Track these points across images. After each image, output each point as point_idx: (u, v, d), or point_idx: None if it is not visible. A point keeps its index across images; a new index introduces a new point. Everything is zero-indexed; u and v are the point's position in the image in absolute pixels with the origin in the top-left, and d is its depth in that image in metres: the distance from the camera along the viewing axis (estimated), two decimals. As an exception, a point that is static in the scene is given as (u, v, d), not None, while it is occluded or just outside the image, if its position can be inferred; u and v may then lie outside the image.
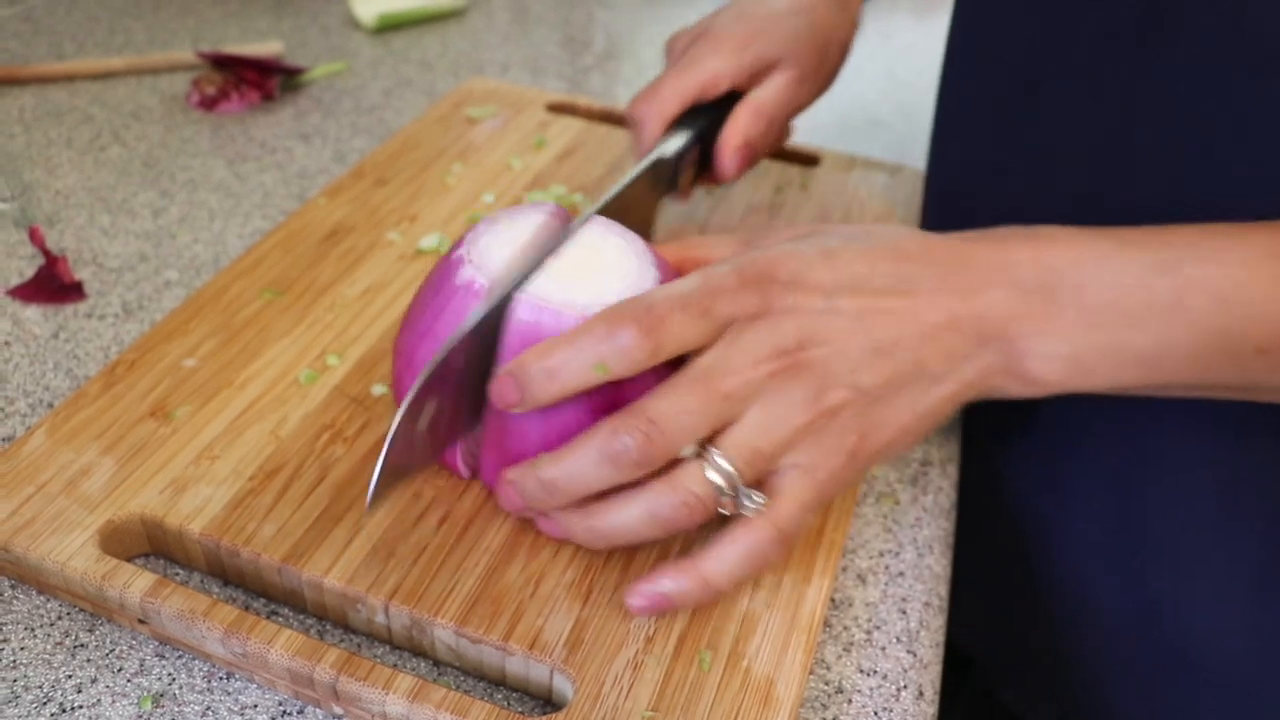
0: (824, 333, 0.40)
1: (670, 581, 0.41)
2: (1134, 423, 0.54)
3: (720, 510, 0.41)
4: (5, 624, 0.42)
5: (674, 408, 0.39)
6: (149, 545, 0.45)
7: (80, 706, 0.39)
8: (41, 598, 0.43)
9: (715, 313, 0.40)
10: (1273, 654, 0.53)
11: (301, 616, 0.43)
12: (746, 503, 0.41)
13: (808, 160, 0.74)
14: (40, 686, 0.40)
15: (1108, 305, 0.40)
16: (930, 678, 0.45)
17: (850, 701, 0.43)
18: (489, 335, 0.43)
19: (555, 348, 0.40)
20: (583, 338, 0.40)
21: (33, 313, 0.57)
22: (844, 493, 0.43)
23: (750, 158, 0.59)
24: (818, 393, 0.40)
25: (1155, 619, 0.56)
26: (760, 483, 0.41)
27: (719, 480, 0.40)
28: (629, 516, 0.41)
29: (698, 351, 0.41)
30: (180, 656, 0.42)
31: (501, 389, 0.41)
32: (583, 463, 0.40)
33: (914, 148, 0.86)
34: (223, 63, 0.80)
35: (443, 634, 0.41)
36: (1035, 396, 0.43)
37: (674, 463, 0.40)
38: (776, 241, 0.44)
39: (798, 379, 0.40)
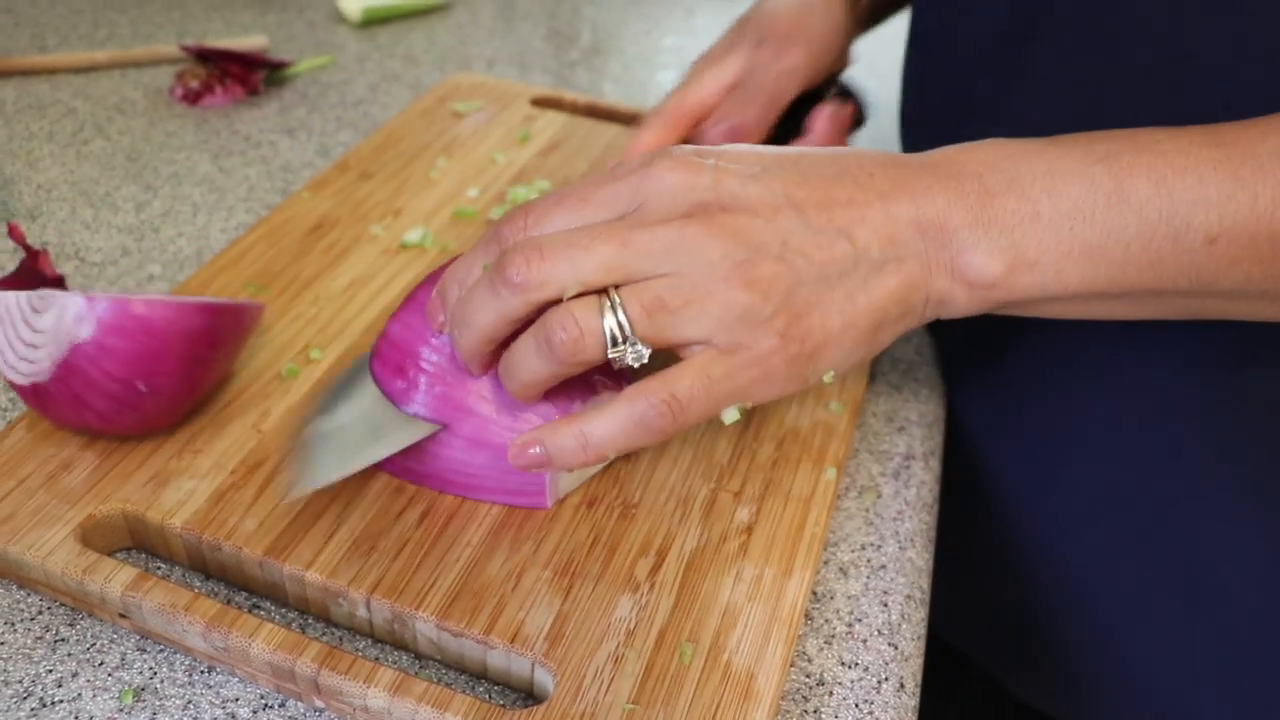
0: (748, 202, 0.39)
1: (549, 435, 0.40)
2: (1119, 409, 0.54)
3: (612, 359, 0.39)
4: (-15, 618, 0.42)
5: (564, 239, 0.38)
6: (130, 539, 0.45)
7: (61, 701, 0.39)
8: (22, 592, 0.43)
9: (599, 197, 0.40)
10: (1271, 628, 0.54)
11: (283, 610, 0.43)
12: (630, 351, 0.38)
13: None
14: (20, 681, 0.40)
15: (1045, 194, 0.39)
16: (911, 670, 0.45)
17: (831, 694, 0.43)
18: None
19: (460, 261, 0.42)
20: (479, 243, 0.42)
21: (14, 307, 0.57)
22: (779, 393, 0.40)
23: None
24: (740, 259, 0.38)
25: (1145, 602, 0.56)
26: (670, 353, 0.39)
27: (610, 320, 0.38)
28: (525, 346, 0.40)
29: None
30: (162, 650, 0.42)
31: (431, 310, 0.43)
32: (475, 291, 0.40)
33: (897, 141, 0.87)
34: (207, 56, 0.79)
35: (424, 628, 0.41)
36: (985, 309, 0.41)
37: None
38: None
39: (718, 240, 0.38)
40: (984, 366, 0.59)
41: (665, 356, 0.40)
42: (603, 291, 0.38)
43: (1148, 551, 0.55)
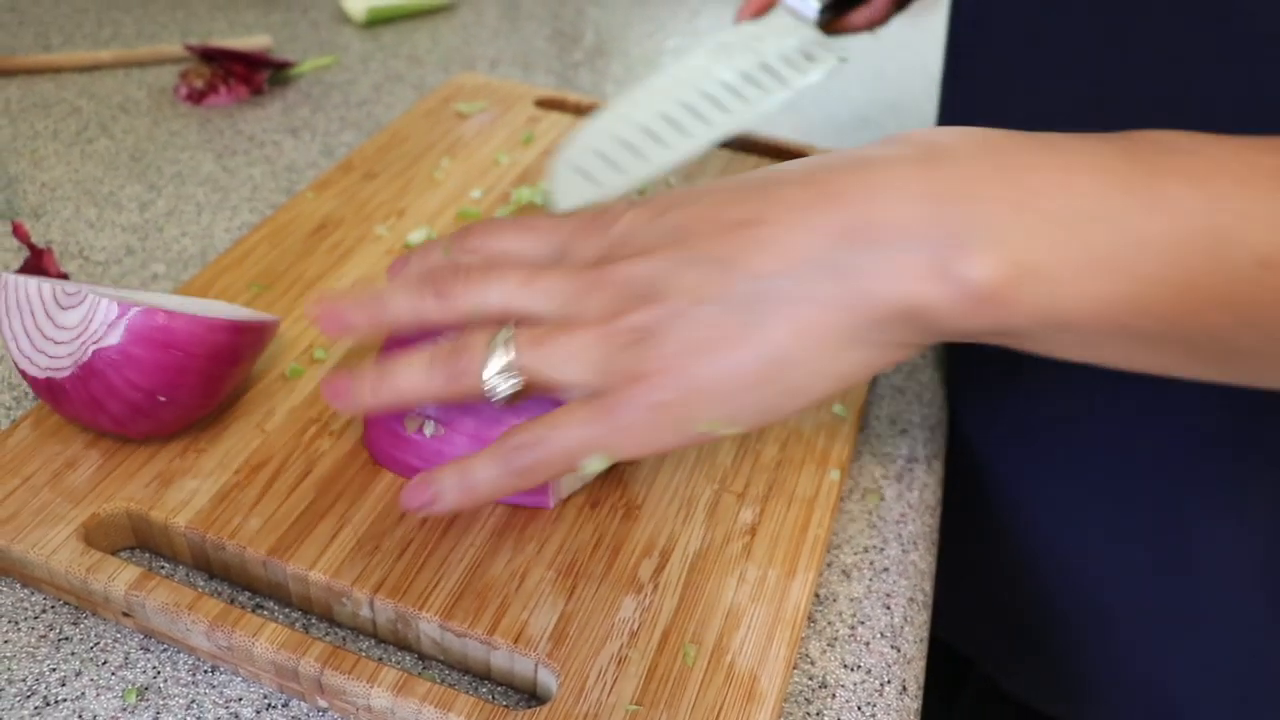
0: (639, 245, 0.38)
1: (437, 475, 0.41)
2: (1121, 411, 0.54)
3: (484, 381, 0.39)
4: (-11, 617, 0.42)
5: (485, 269, 0.41)
6: (134, 538, 0.45)
7: (64, 699, 0.39)
8: (26, 591, 0.43)
9: (542, 230, 0.42)
10: (1273, 628, 0.53)
11: (287, 610, 0.43)
12: (499, 385, 0.39)
13: (797, 156, 0.74)
14: (24, 679, 0.40)
15: (1054, 185, 0.31)
16: (914, 673, 0.45)
17: (834, 696, 0.43)
18: None
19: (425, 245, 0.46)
20: (451, 235, 0.45)
21: (18, 305, 0.57)
22: (651, 445, 0.37)
23: None
24: (614, 309, 0.37)
25: (1147, 601, 0.56)
26: (547, 394, 0.40)
27: (494, 346, 0.39)
28: (415, 355, 0.41)
29: None
30: (165, 650, 0.42)
31: (395, 264, 0.46)
32: (394, 287, 0.42)
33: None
34: (211, 56, 0.79)
35: (427, 628, 0.41)
36: (979, 322, 0.33)
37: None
38: None
39: (597, 291, 0.38)
40: (985, 367, 0.59)
41: None
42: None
43: (1150, 552, 0.56)
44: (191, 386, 0.44)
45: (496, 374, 0.39)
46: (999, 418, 0.60)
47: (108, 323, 0.42)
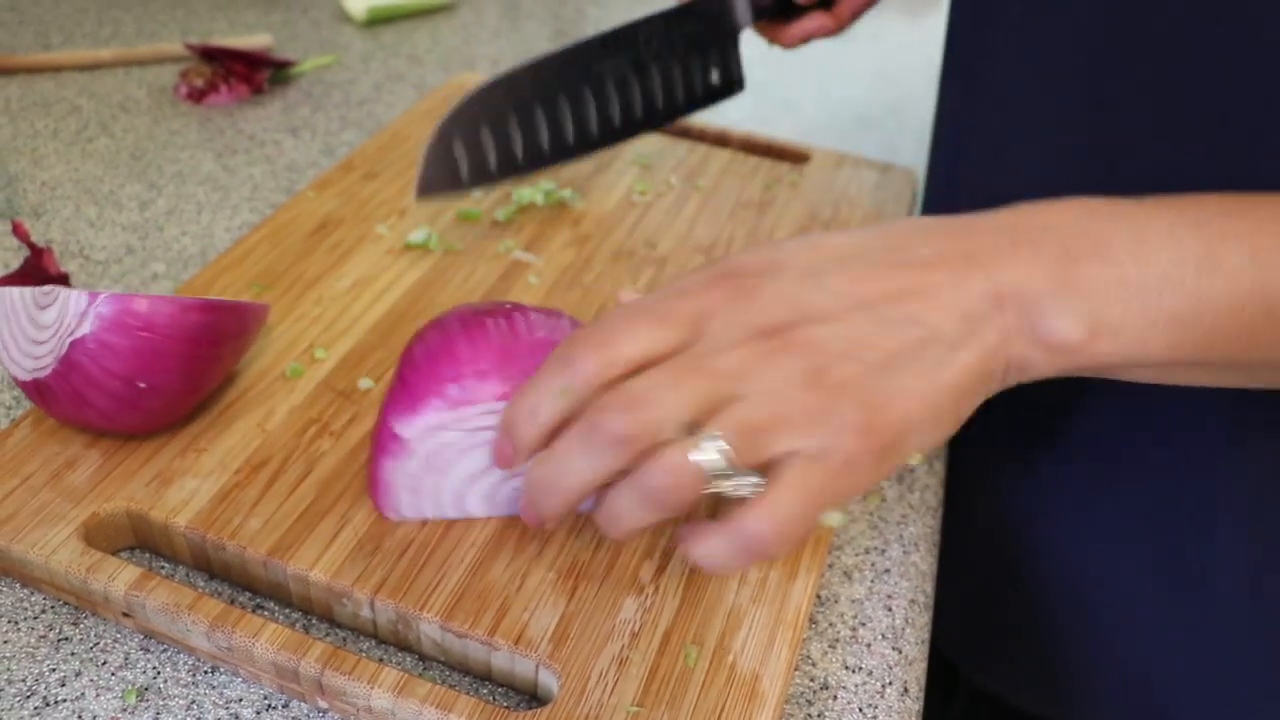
0: (816, 307, 0.38)
1: (695, 543, 0.39)
2: (1117, 413, 0.54)
3: (718, 490, 0.38)
4: (-11, 617, 0.42)
5: (653, 384, 0.37)
6: (134, 538, 0.45)
7: (64, 700, 0.39)
8: (26, 591, 0.43)
9: (675, 314, 0.38)
10: (1263, 622, 0.54)
11: (287, 610, 0.43)
12: (741, 481, 0.38)
13: (797, 158, 0.74)
14: (24, 680, 0.40)
15: (1133, 258, 0.38)
16: (915, 674, 0.45)
17: (835, 698, 0.43)
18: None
19: (525, 389, 0.39)
20: (544, 371, 0.39)
21: (18, 304, 0.57)
22: (870, 484, 0.40)
23: None
24: (819, 368, 0.37)
25: (1140, 599, 0.56)
26: (762, 469, 0.38)
27: (709, 455, 0.37)
28: (625, 499, 0.38)
29: None
30: (165, 650, 0.41)
31: (499, 449, 0.40)
32: (569, 449, 0.38)
33: (904, 146, 0.87)
34: (211, 55, 0.79)
35: (428, 628, 0.41)
36: (1065, 372, 0.40)
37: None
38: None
39: (795, 355, 0.37)
40: None
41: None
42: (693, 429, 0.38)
43: (1143, 552, 0.56)
44: (171, 371, 0.44)
45: (727, 484, 0.38)
46: (995, 419, 0.60)
47: (79, 313, 0.42)
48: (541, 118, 0.55)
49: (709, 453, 0.37)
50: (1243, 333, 0.38)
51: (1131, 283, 0.38)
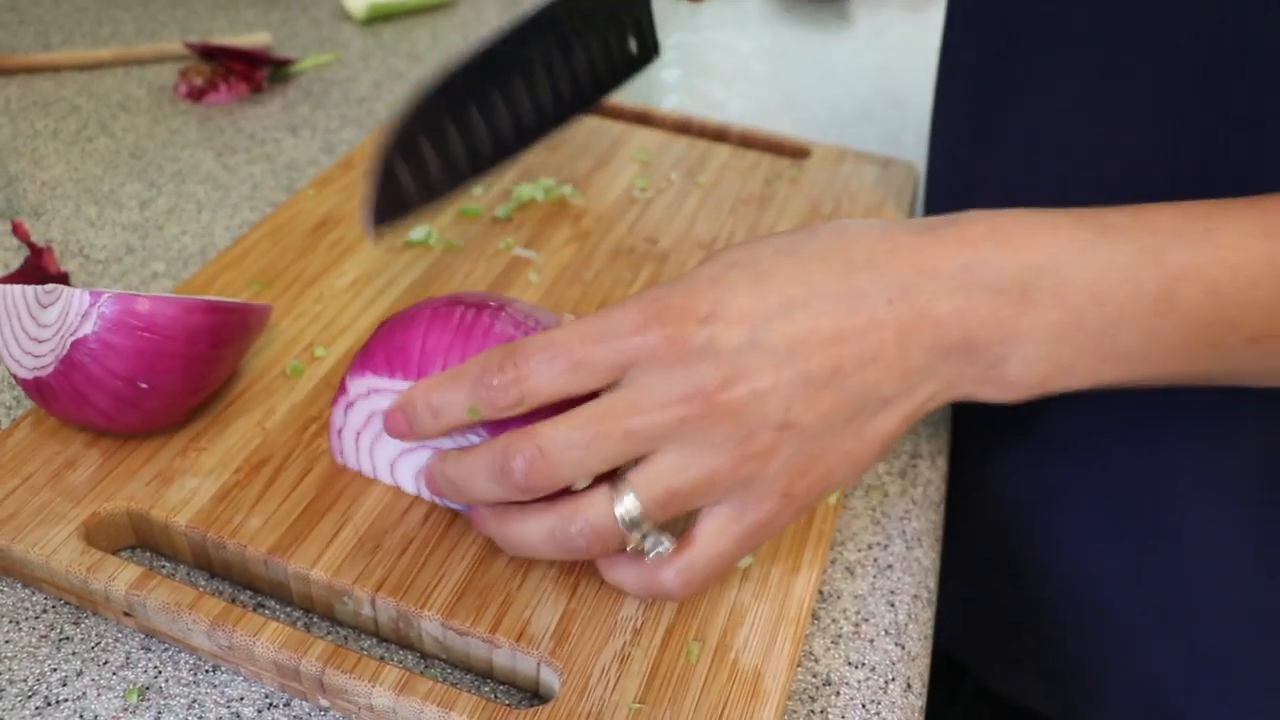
0: (746, 371, 0.36)
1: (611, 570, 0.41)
2: (1118, 407, 0.54)
3: (629, 549, 0.39)
4: (-10, 617, 0.42)
5: (564, 439, 0.37)
6: (135, 538, 0.44)
7: (65, 700, 0.39)
8: (26, 590, 0.43)
9: (593, 362, 0.37)
10: (1269, 618, 0.53)
11: (288, 609, 0.43)
12: (652, 546, 0.39)
13: (798, 152, 0.74)
14: (25, 680, 0.40)
15: (1093, 301, 0.37)
16: (918, 670, 0.45)
17: (838, 694, 0.43)
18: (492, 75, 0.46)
19: (439, 385, 0.39)
20: (461, 378, 0.39)
21: (18, 304, 0.57)
22: (781, 532, 0.41)
23: None
24: (743, 437, 0.37)
25: (1145, 594, 0.56)
26: (675, 520, 0.39)
27: (624, 515, 0.38)
28: (533, 533, 0.39)
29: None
30: (166, 649, 0.41)
31: (391, 420, 0.41)
32: (475, 472, 0.39)
33: (905, 141, 0.86)
34: (211, 54, 0.79)
35: (429, 626, 0.41)
36: (1009, 401, 0.40)
37: (589, 488, 0.39)
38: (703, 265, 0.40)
39: (718, 423, 0.37)
40: None
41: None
42: (612, 481, 0.38)
43: (1147, 549, 0.55)
44: (173, 371, 0.44)
45: (640, 539, 0.38)
46: (998, 415, 0.59)
47: (81, 313, 0.42)
48: (478, 118, 0.51)
49: (622, 511, 0.38)
50: (1191, 359, 0.39)
51: (1088, 327, 0.38)
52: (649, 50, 0.60)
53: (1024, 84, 0.53)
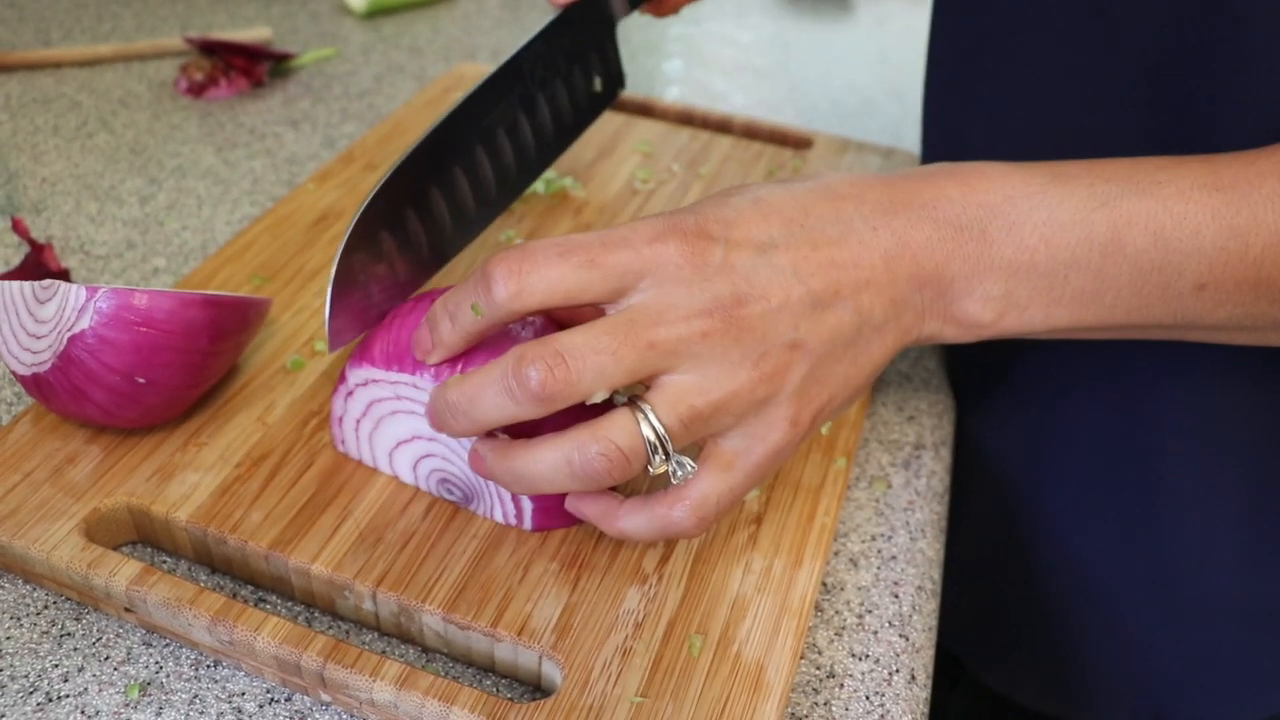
0: (760, 288, 0.38)
1: (588, 516, 0.41)
2: (1122, 400, 0.53)
3: (653, 472, 0.38)
4: (-9, 613, 0.42)
5: (588, 344, 0.37)
6: (135, 533, 0.44)
7: (67, 695, 0.39)
8: (28, 586, 0.43)
9: (606, 263, 0.37)
10: (1266, 598, 0.53)
11: (289, 603, 0.43)
12: (677, 469, 0.38)
13: (800, 143, 0.74)
14: (26, 676, 0.40)
15: (1043, 242, 0.39)
16: (923, 662, 0.45)
17: (842, 686, 0.42)
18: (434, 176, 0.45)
19: (454, 292, 0.40)
20: (465, 282, 0.39)
21: (19, 301, 0.57)
22: (781, 466, 0.41)
23: None
24: (759, 356, 0.38)
25: (1143, 576, 0.56)
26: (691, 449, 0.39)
27: (650, 436, 0.37)
28: (546, 462, 0.38)
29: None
30: (167, 645, 0.41)
31: (419, 336, 0.41)
32: (485, 389, 0.38)
33: (907, 131, 0.86)
34: (211, 49, 0.79)
35: (430, 620, 0.41)
36: (967, 341, 0.42)
37: (603, 410, 0.39)
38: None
39: (737, 339, 0.37)
40: (985, 360, 0.59)
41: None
42: (631, 403, 0.38)
43: (1147, 544, 0.55)
44: (171, 366, 0.44)
45: (663, 461, 0.38)
46: (1002, 406, 0.59)
47: (78, 308, 0.42)
48: (440, 199, 0.48)
49: (648, 432, 0.37)
50: (1140, 304, 0.40)
51: (1040, 266, 0.40)
52: (614, 84, 0.57)
53: (1008, 64, 0.53)
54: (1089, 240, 0.39)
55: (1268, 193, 0.38)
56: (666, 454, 0.38)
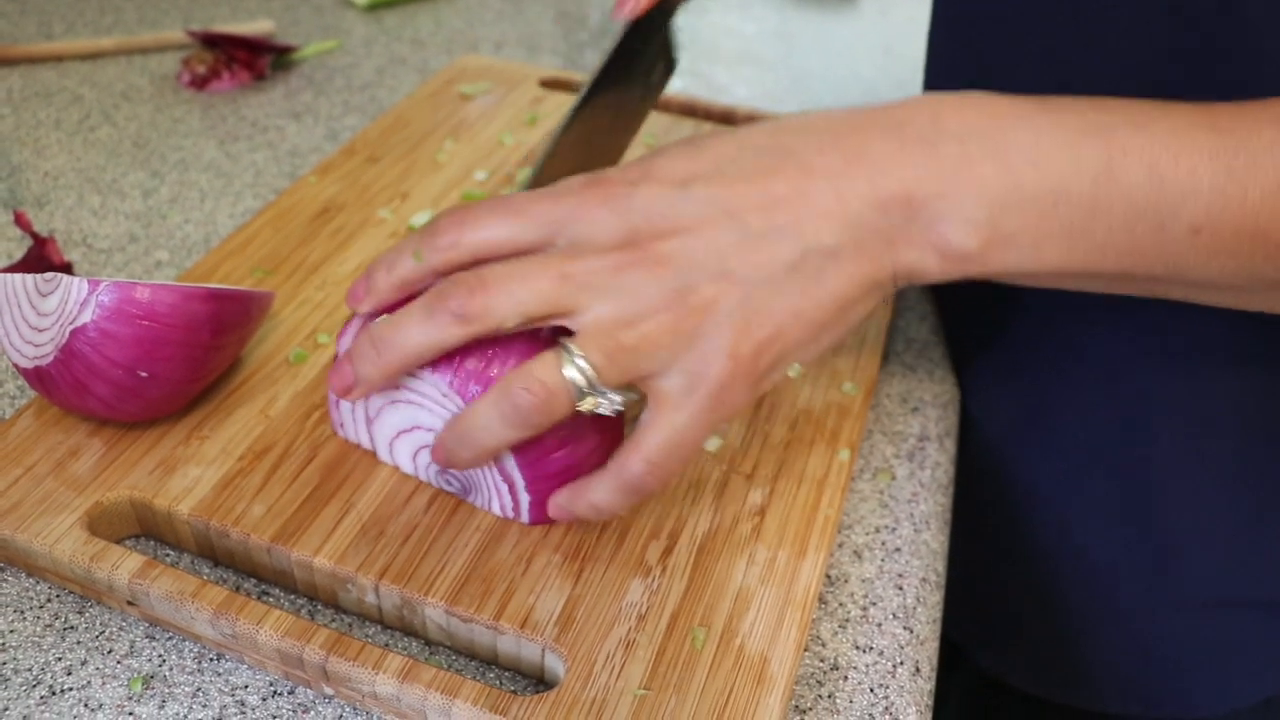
0: (681, 219, 0.37)
1: (567, 498, 0.41)
2: (1109, 372, 0.53)
3: (581, 409, 0.38)
4: (-6, 606, 0.42)
5: (507, 272, 0.38)
6: (138, 526, 0.44)
7: (70, 689, 0.39)
8: (31, 580, 0.43)
9: (536, 213, 0.39)
10: (1257, 585, 0.53)
11: (292, 597, 0.43)
12: (603, 402, 0.38)
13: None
14: (30, 669, 0.40)
15: (1030, 165, 0.37)
16: (927, 654, 0.45)
17: (846, 678, 0.42)
18: None
19: (395, 248, 0.41)
20: (409, 237, 0.41)
21: (22, 294, 0.57)
22: (746, 406, 0.39)
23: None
24: (680, 288, 0.37)
25: (1137, 561, 0.56)
26: (632, 392, 0.39)
27: (573, 374, 0.37)
28: (480, 413, 0.39)
29: None
30: (170, 638, 0.41)
31: (353, 288, 0.42)
32: (409, 315, 0.39)
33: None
34: (213, 41, 0.79)
35: (433, 613, 0.40)
36: (955, 277, 0.39)
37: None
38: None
39: (653, 273, 0.37)
40: (990, 352, 0.59)
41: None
42: (556, 344, 0.38)
43: (1147, 533, 0.55)
44: (173, 359, 0.43)
45: (590, 398, 0.38)
46: (1003, 402, 0.59)
47: (80, 301, 0.42)
48: None
49: (571, 370, 0.37)
50: (1134, 246, 0.38)
51: (1027, 190, 0.37)
52: (670, 69, 0.57)
53: (1007, 56, 0.52)
54: (1080, 168, 0.37)
55: (1267, 140, 0.37)
56: (593, 389, 0.38)
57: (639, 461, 0.39)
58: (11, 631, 0.41)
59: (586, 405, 0.38)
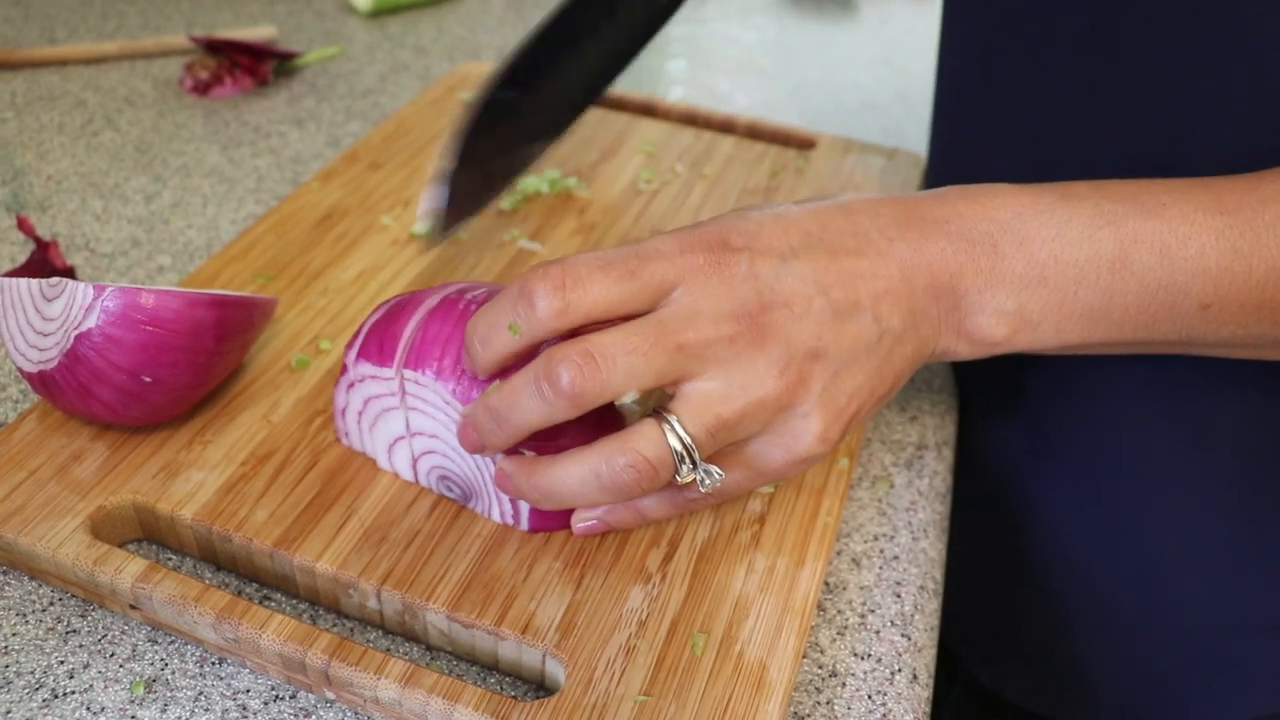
0: (783, 295, 0.39)
1: (612, 514, 0.43)
2: (1128, 405, 0.54)
3: (676, 480, 0.39)
4: (-3, 610, 0.42)
5: (619, 344, 0.37)
6: (141, 531, 0.45)
7: (72, 692, 0.39)
8: (33, 583, 0.43)
9: (645, 275, 0.38)
10: (1253, 606, 0.54)
11: (294, 602, 0.43)
12: (705, 478, 0.39)
13: (804, 144, 0.74)
14: (32, 672, 0.40)
15: (1053, 258, 0.40)
16: (925, 661, 0.45)
17: (844, 685, 0.42)
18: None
19: (484, 312, 0.40)
20: (500, 299, 0.39)
21: (25, 298, 0.57)
22: (811, 467, 0.42)
23: None
24: (784, 362, 0.39)
25: (1133, 579, 0.56)
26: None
27: (676, 446, 0.38)
28: (574, 476, 0.39)
29: None
30: (173, 642, 0.42)
31: (466, 361, 0.41)
32: (519, 392, 0.38)
33: (910, 131, 0.86)
34: (216, 47, 0.79)
35: (435, 619, 0.41)
36: (978, 357, 0.43)
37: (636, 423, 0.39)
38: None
39: (762, 347, 0.38)
40: (990, 366, 0.59)
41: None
42: (657, 414, 0.38)
43: (1146, 548, 0.55)
44: (177, 365, 0.44)
45: (690, 471, 0.39)
46: (1002, 407, 0.59)
47: (85, 306, 0.42)
48: (536, 98, 0.54)
49: (674, 443, 0.38)
50: (1148, 321, 0.41)
51: (1051, 281, 0.40)
52: None
53: (1017, 76, 0.53)
54: (1097, 257, 0.40)
55: (1270, 219, 0.40)
56: (694, 463, 0.38)
57: (710, 497, 0.42)
58: (14, 635, 0.41)
59: (685, 478, 0.39)
